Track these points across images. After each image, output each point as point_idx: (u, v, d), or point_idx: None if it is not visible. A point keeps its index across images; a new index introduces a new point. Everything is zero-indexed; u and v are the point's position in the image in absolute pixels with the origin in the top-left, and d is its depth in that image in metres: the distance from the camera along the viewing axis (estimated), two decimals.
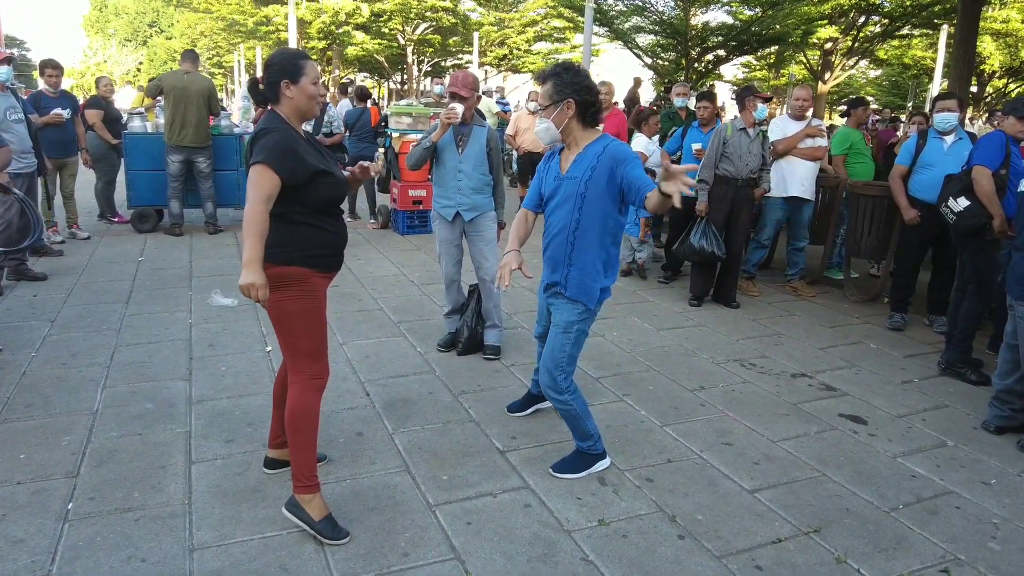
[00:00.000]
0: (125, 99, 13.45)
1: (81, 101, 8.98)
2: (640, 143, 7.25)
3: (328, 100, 9.72)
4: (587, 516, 3.01)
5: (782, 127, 6.49)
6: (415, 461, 3.39)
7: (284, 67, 2.70)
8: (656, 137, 7.18)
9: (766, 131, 6.16)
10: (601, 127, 3.25)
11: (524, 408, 3.94)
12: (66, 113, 7.28)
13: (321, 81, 2.82)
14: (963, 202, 4.57)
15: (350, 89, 10.66)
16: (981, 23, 15.62)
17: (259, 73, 3.15)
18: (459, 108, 4.36)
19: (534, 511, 3.03)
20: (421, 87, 32.87)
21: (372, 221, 9.34)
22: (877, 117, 12.95)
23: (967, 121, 17.02)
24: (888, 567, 2.77)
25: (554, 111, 3.04)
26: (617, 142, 3.10)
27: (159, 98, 9.10)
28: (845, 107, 7.47)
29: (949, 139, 5.49)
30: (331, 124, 8.60)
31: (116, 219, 8.77)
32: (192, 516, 2.90)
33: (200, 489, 3.09)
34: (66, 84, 11.58)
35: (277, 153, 2.58)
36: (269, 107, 2.76)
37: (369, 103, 9.25)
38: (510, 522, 2.94)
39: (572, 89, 3.03)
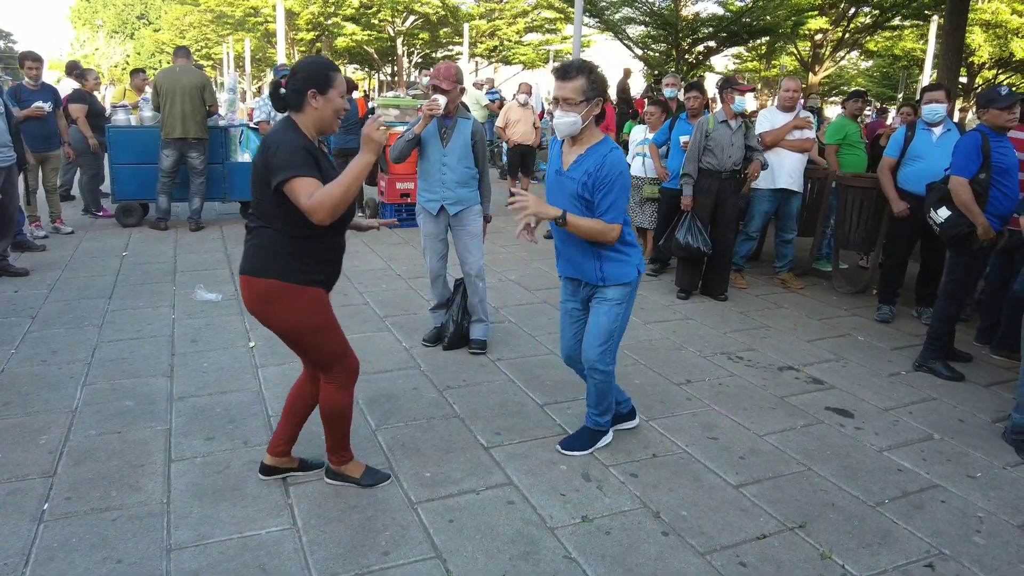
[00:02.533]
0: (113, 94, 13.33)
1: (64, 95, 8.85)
2: (639, 134, 7.21)
3: None
4: (571, 513, 2.98)
5: (770, 119, 6.45)
6: (398, 458, 3.36)
7: (312, 76, 2.64)
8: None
9: (751, 123, 6.10)
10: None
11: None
12: (47, 106, 7.18)
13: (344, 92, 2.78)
14: (944, 212, 4.52)
15: None
16: (971, 14, 15.63)
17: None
18: (441, 100, 4.31)
19: (517, 508, 3.00)
20: (411, 79, 32.72)
21: (360, 214, 9.28)
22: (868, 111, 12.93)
23: (957, 112, 17.04)
24: (873, 562, 2.75)
25: (585, 107, 3.04)
26: (616, 155, 3.09)
27: (144, 95, 9.00)
28: (843, 100, 7.50)
29: (937, 130, 5.47)
30: None
31: (100, 213, 8.68)
32: (170, 516, 2.85)
33: (179, 488, 3.05)
34: (51, 77, 11.46)
35: (300, 161, 2.54)
36: (287, 113, 2.72)
37: (357, 94, 9.18)
38: (493, 520, 2.91)
39: (602, 89, 3.10)
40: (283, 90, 2.69)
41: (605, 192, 3.05)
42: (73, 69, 9.33)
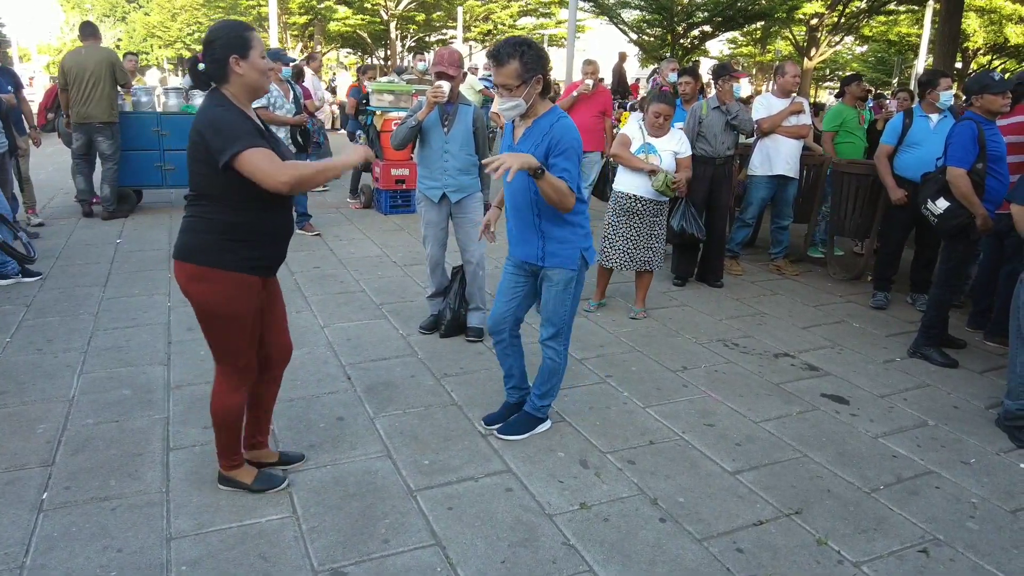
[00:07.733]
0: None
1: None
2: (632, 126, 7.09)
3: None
4: (569, 500, 3.00)
5: (767, 105, 6.43)
6: (396, 446, 3.37)
7: (231, 42, 2.50)
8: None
9: (736, 112, 5.94)
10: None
11: (505, 419, 3.59)
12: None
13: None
14: (942, 203, 4.50)
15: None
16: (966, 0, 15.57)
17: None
18: (446, 86, 4.28)
19: (516, 495, 3.01)
20: (405, 63, 32.52)
21: (354, 200, 9.24)
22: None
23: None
24: (868, 548, 2.78)
25: (525, 89, 3.02)
26: (565, 122, 3.09)
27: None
28: (839, 87, 7.37)
29: (935, 117, 5.47)
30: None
31: (94, 200, 8.59)
32: (170, 504, 2.86)
33: (178, 477, 3.05)
34: (43, 61, 11.28)
35: (243, 131, 2.45)
36: (213, 87, 2.58)
37: (352, 76, 9.08)
38: (491, 507, 2.93)
39: (539, 65, 3.03)
40: (201, 65, 2.54)
41: (557, 155, 3.02)
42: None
